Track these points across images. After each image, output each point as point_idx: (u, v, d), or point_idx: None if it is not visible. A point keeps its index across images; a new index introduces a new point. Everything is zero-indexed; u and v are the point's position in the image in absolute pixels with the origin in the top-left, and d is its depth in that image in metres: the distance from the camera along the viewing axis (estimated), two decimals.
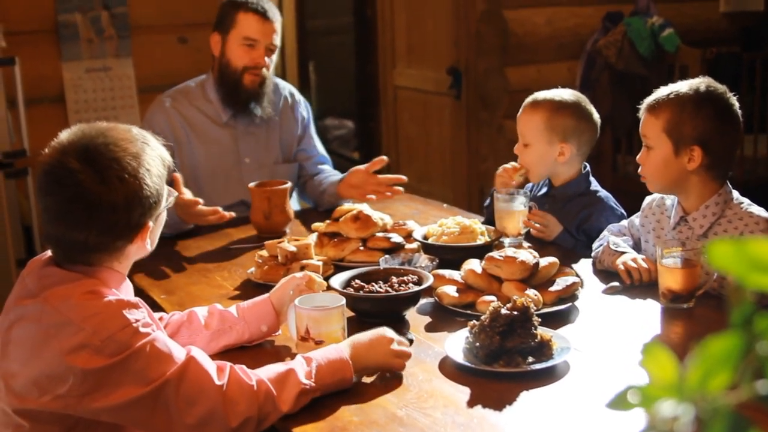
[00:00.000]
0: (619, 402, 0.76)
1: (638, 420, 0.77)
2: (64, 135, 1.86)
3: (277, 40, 3.48)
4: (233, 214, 3.20)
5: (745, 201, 2.57)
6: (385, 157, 3.49)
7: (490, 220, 3.07)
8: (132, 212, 1.83)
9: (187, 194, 3.12)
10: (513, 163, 3.07)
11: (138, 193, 1.82)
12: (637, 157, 2.63)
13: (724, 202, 2.55)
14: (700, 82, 2.55)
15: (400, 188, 3.42)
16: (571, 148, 2.95)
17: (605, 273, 2.68)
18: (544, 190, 3.12)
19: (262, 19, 3.42)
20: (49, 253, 1.91)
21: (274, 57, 3.53)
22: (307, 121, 3.77)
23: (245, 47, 3.43)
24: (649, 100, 2.60)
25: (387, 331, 2.07)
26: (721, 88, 2.55)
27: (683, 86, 2.55)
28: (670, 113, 2.52)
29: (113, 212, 1.80)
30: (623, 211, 3.00)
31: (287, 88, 3.77)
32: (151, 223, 1.89)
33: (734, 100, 2.54)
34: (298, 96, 3.79)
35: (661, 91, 2.58)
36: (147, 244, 1.92)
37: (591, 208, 2.97)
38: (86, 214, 1.79)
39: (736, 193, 2.58)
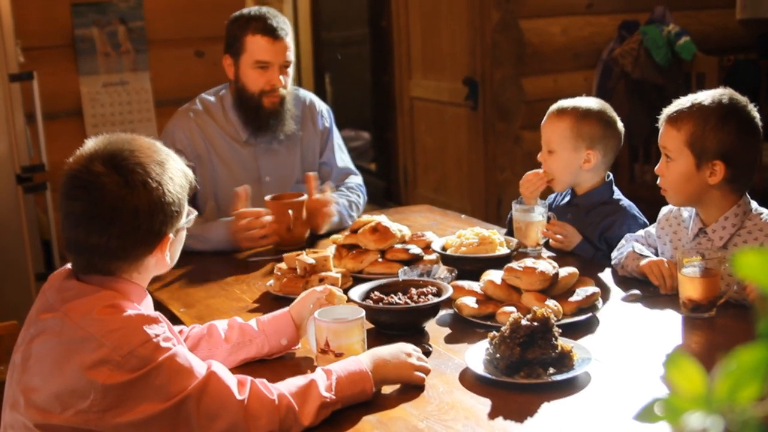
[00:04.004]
0: (646, 414, 0.76)
1: None
2: (90, 143, 1.88)
3: (291, 56, 3.40)
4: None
5: (765, 211, 2.54)
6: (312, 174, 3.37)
7: (511, 233, 3.06)
8: (154, 218, 1.84)
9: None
10: (537, 170, 3.04)
11: (161, 199, 1.83)
12: (656, 168, 2.60)
13: (744, 213, 2.52)
14: (722, 94, 2.50)
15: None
16: (597, 155, 2.94)
17: (625, 282, 2.67)
18: (567, 198, 3.10)
19: (272, 40, 3.32)
20: (69, 266, 1.92)
21: (291, 70, 3.44)
22: (329, 131, 3.66)
23: (258, 70, 3.35)
24: (669, 110, 2.56)
25: (407, 345, 2.08)
26: (743, 100, 2.52)
27: (705, 98, 2.50)
28: (693, 126, 2.47)
29: (135, 216, 1.81)
30: (646, 220, 2.98)
31: (308, 97, 3.67)
32: (171, 235, 1.90)
33: (756, 112, 2.51)
34: (319, 105, 3.67)
35: (682, 102, 2.54)
36: (167, 256, 1.92)
37: (614, 216, 2.96)
38: (109, 216, 1.80)
39: (754, 204, 2.56)
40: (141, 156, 1.84)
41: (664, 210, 2.76)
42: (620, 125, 3.00)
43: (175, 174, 1.89)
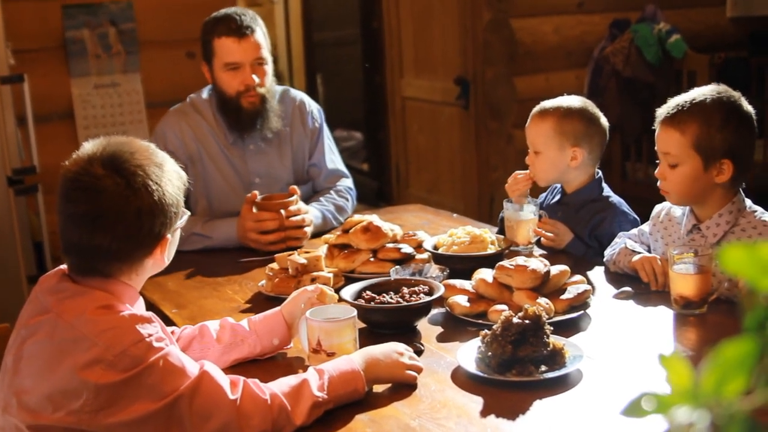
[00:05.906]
0: (634, 409, 0.76)
1: (652, 428, 0.76)
2: (88, 146, 1.88)
3: (264, 53, 3.36)
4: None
5: (759, 209, 2.53)
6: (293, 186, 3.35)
7: (503, 231, 3.06)
8: (155, 220, 1.85)
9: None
10: (523, 172, 3.06)
11: (162, 200, 1.85)
12: (656, 171, 2.57)
13: (738, 211, 2.52)
14: (719, 91, 2.48)
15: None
16: (582, 152, 2.94)
17: (617, 280, 2.67)
18: (558, 197, 3.11)
19: (237, 40, 3.29)
20: (62, 267, 1.92)
21: (269, 68, 3.40)
22: (319, 131, 3.63)
23: (230, 72, 3.33)
24: (665, 112, 2.52)
25: (399, 345, 2.08)
26: (737, 94, 2.50)
27: (703, 96, 2.47)
28: (698, 128, 2.44)
29: (138, 218, 1.82)
30: (636, 216, 2.98)
31: (298, 96, 3.64)
32: (169, 236, 1.91)
33: (749, 105, 2.51)
34: (309, 105, 3.64)
35: (678, 103, 2.50)
36: (165, 257, 1.94)
37: (603, 213, 2.96)
38: (113, 218, 1.81)
39: (748, 201, 2.56)
40: (140, 158, 1.86)
41: (657, 208, 2.75)
42: (604, 121, 3.00)
43: (172, 176, 1.91)
